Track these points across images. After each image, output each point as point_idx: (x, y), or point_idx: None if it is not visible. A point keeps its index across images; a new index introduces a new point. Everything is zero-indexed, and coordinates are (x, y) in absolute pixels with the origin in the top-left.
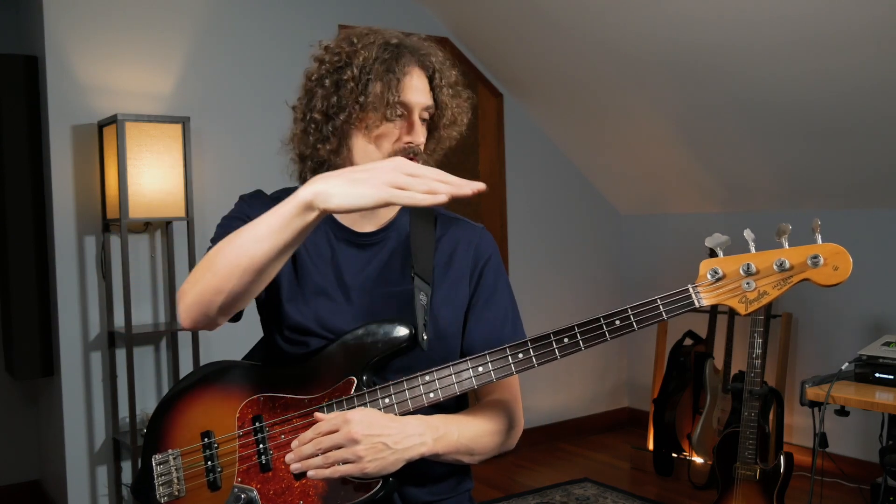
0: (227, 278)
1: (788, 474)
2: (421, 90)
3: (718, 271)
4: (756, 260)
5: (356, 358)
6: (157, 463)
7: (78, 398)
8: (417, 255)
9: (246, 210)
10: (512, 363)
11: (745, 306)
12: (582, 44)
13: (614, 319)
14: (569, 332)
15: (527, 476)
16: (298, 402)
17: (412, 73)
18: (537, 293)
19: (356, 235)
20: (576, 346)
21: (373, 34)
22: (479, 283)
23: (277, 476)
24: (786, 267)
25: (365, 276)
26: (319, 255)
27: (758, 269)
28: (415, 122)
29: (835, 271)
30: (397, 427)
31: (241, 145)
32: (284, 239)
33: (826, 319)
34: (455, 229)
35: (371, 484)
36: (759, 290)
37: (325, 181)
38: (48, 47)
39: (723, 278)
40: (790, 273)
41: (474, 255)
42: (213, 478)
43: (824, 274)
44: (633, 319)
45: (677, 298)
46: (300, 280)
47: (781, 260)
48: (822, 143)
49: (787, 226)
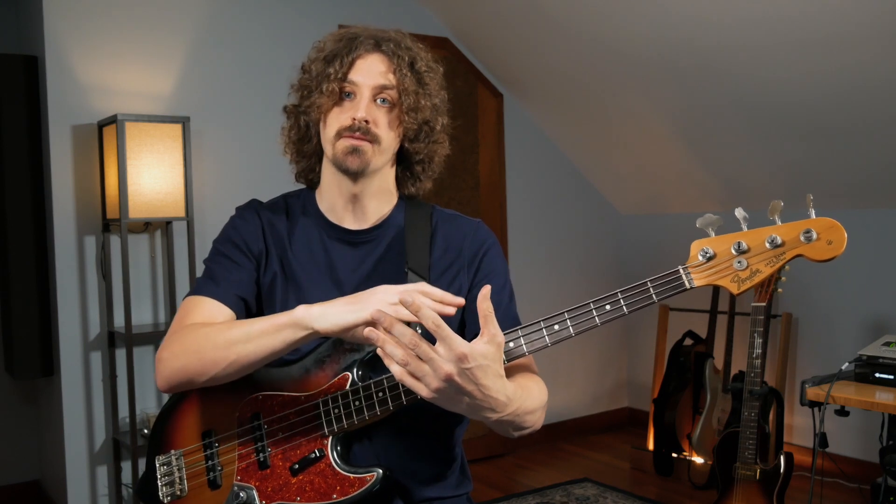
0: (212, 366)
1: (788, 474)
2: (373, 72)
3: (709, 251)
4: (747, 238)
5: (350, 354)
6: (161, 463)
7: (78, 398)
8: (412, 250)
9: (241, 230)
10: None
11: (737, 285)
12: (582, 44)
13: (604, 304)
14: (559, 319)
15: (527, 476)
16: (295, 400)
17: (365, 56)
18: (537, 293)
19: (350, 234)
20: (565, 332)
21: (343, 30)
22: (479, 268)
23: (275, 473)
24: (778, 243)
25: (360, 274)
26: (312, 257)
27: (749, 247)
28: (361, 99)
29: (829, 245)
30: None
31: (241, 145)
32: (273, 346)
33: (826, 319)
34: (451, 225)
35: (365, 478)
36: (751, 268)
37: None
38: (48, 47)
39: (713, 258)
40: (783, 249)
41: (472, 246)
42: (213, 476)
43: (818, 249)
44: (623, 304)
45: (667, 280)
46: (293, 284)
47: (773, 236)
48: (822, 143)
49: (779, 202)
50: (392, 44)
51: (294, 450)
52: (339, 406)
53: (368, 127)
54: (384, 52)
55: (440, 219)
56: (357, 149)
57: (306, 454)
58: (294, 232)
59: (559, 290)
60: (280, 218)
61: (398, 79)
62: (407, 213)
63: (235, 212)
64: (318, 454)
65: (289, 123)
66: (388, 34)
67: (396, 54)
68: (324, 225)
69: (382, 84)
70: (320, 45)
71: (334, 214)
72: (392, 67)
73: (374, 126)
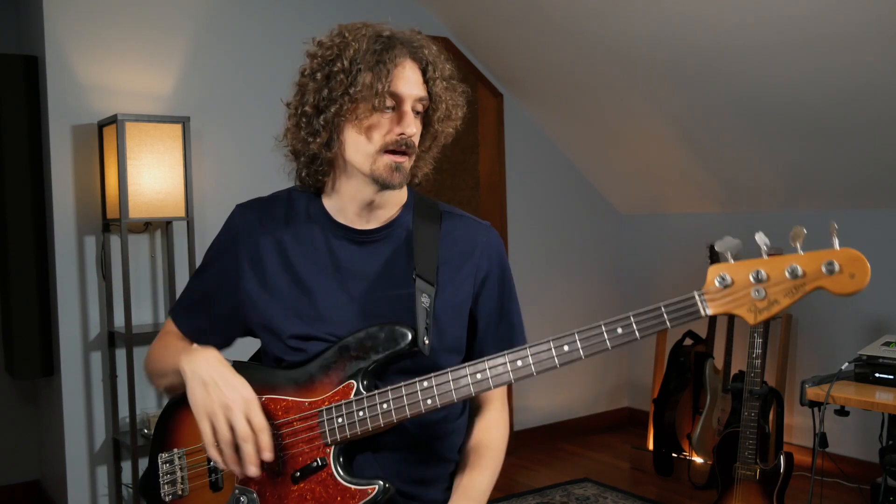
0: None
1: (788, 474)
2: (413, 82)
3: (727, 278)
4: (767, 266)
5: (356, 362)
6: (163, 462)
7: (78, 398)
8: (420, 254)
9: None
10: (510, 370)
11: (754, 315)
12: (582, 44)
13: (616, 327)
14: (569, 340)
15: (527, 476)
16: (299, 405)
17: (404, 64)
18: (537, 293)
19: (356, 233)
20: (575, 354)
21: (365, 27)
22: (485, 288)
23: (276, 479)
24: (798, 274)
25: (366, 276)
26: (317, 259)
27: (768, 276)
28: (406, 112)
29: (851, 279)
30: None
31: (241, 145)
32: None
33: (826, 319)
34: (460, 228)
35: (367, 491)
36: (769, 298)
37: (192, 368)
38: (48, 47)
39: (731, 285)
40: (803, 281)
41: (480, 257)
42: (214, 478)
43: (840, 282)
44: (635, 328)
45: (682, 306)
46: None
47: (794, 266)
48: (822, 143)
49: (801, 229)
50: (425, 50)
51: (296, 456)
52: (343, 416)
53: (413, 142)
54: (418, 60)
55: (449, 220)
56: (400, 166)
57: (308, 462)
58: (297, 229)
59: (559, 290)
60: (279, 215)
61: (431, 89)
62: (416, 215)
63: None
64: (320, 463)
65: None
66: (417, 39)
67: (430, 62)
68: (329, 224)
69: (419, 96)
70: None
71: (343, 216)
72: (426, 77)
73: (415, 139)
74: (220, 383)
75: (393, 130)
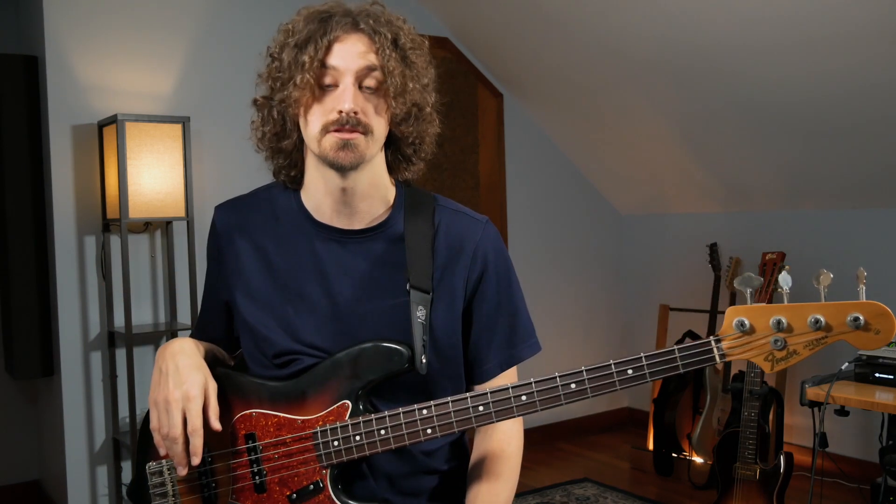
0: None
1: (788, 474)
2: (353, 53)
3: (746, 324)
4: (789, 314)
5: (351, 381)
6: (151, 472)
7: (78, 398)
8: (414, 262)
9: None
10: (514, 405)
11: (771, 365)
12: (582, 44)
13: (626, 368)
14: (577, 377)
15: (527, 476)
16: (292, 423)
17: (344, 38)
18: (537, 293)
19: (340, 234)
20: (583, 393)
21: (306, 9)
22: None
23: (272, 497)
24: (822, 325)
25: (354, 283)
26: (301, 264)
27: (790, 325)
28: (345, 88)
29: (875, 335)
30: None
31: (241, 145)
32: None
33: None
34: (455, 225)
35: None
36: (789, 349)
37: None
38: (48, 47)
39: (750, 332)
40: (825, 333)
41: (472, 257)
42: (208, 494)
43: (864, 338)
44: (646, 370)
45: (697, 352)
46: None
47: (817, 317)
48: (822, 143)
49: (828, 275)
50: (371, 19)
51: (291, 477)
52: (339, 439)
53: (358, 118)
54: (363, 30)
55: (443, 216)
56: (349, 143)
57: (305, 484)
58: (278, 231)
59: (559, 290)
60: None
61: (381, 59)
62: (407, 214)
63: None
64: (317, 486)
65: (260, 117)
66: (364, 8)
67: (377, 31)
68: (312, 225)
69: (366, 66)
70: (288, 27)
71: (322, 214)
72: (374, 47)
73: (363, 116)
74: (170, 376)
75: (334, 108)
